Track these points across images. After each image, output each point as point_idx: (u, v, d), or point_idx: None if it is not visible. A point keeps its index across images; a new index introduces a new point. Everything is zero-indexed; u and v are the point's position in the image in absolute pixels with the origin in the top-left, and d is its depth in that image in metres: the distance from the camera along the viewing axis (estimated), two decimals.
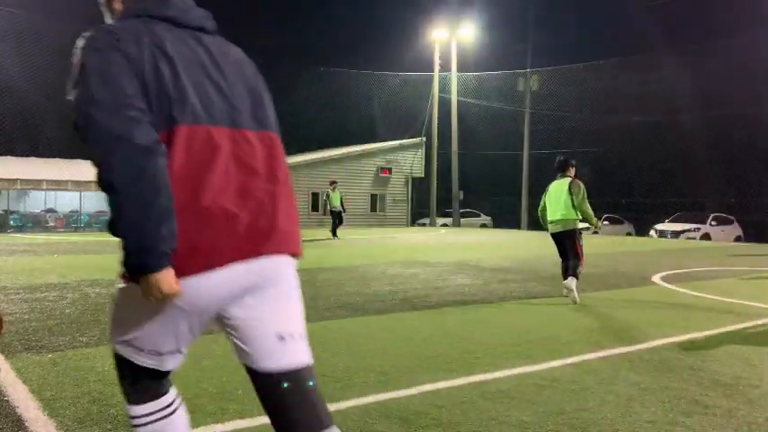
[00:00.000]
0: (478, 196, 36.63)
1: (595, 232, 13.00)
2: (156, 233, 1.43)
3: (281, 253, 1.64)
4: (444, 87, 31.95)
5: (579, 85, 30.33)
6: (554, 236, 7.36)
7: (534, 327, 5.34)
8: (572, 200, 7.14)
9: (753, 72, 26.98)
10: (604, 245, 17.33)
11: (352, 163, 29.14)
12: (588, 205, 7.11)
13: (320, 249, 13.94)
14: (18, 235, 19.32)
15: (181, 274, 1.49)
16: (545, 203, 7.53)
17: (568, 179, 7.37)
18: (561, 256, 7.31)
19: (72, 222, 23.07)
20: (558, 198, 7.27)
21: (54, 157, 24.36)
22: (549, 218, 7.33)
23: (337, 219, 19.21)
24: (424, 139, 31.69)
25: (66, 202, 24.08)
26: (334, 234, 18.93)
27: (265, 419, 3.00)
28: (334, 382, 3.61)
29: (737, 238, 24.00)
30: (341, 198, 19.24)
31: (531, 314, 6.00)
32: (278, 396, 1.68)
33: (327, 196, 19.46)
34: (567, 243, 7.14)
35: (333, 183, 19.73)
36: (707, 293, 7.56)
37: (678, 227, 23.62)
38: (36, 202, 24.47)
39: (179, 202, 1.48)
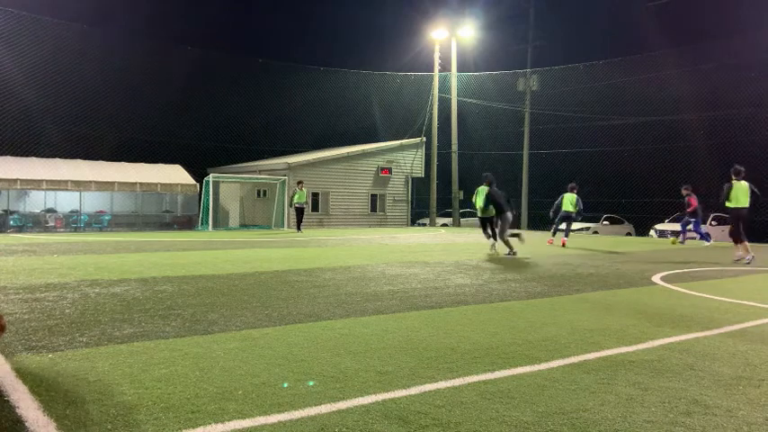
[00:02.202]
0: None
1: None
2: None
3: None
4: (444, 87, 31.95)
5: (579, 85, 30.33)
6: (482, 219, 13.67)
7: (534, 327, 5.35)
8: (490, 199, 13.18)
9: (753, 72, 26.98)
10: (604, 245, 17.33)
11: (352, 163, 29.14)
12: (499, 203, 13.03)
13: (319, 249, 13.94)
14: (18, 235, 19.32)
15: None
16: (476, 200, 13.73)
17: (488, 188, 13.21)
18: (486, 230, 13.62)
19: (72, 222, 23.05)
20: (485, 198, 13.26)
21: (54, 157, 24.34)
22: (481, 207, 13.44)
23: (301, 214, 21.72)
24: (424, 139, 31.69)
25: (66, 202, 24.03)
26: (299, 229, 21.70)
27: (265, 419, 3.02)
28: (335, 382, 3.61)
29: None
30: (306, 196, 21.79)
31: (531, 314, 6.00)
32: None
33: (294, 193, 21.86)
34: (489, 223, 13.52)
35: (300, 182, 22.18)
36: (707, 293, 7.56)
37: (678, 227, 23.60)
38: (36, 202, 24.42)
39: None
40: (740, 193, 11.93)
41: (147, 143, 29.88)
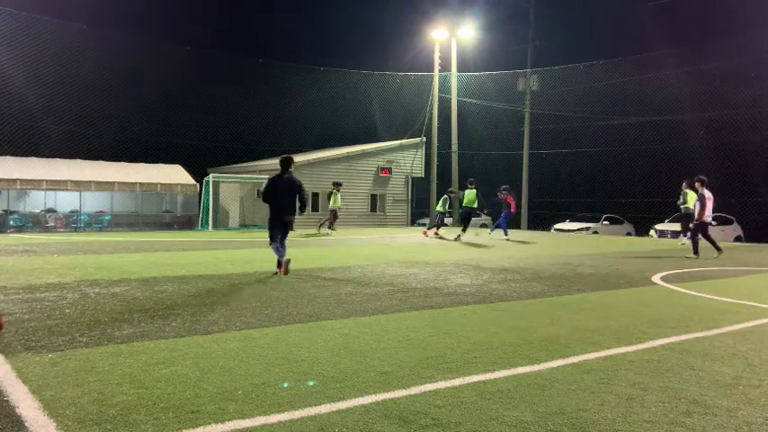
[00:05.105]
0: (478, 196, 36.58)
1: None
2: None
3: None
4: (444, 87, 31.94)
5: (579, 85, 30.31)
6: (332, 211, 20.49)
7: (534, 327, 5.34)
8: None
9: (753, 72, 26.98)
10: (605, 245, 17.33)
11: (352, 163, 29.13)
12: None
13: (320, 249, 13.94)
14: (18, 235, 19.32)
15: None
16: (330, 200, 20.56)
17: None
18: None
19: (72, 222, 23.04)
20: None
21: (54, 157, 24.33)
22: (332, 205, 20.61)
23: None
24: (424, 139, 31.67)
25: (65, 202, 24.03)
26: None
27: (265, 419, 3.02)
28: (335, 382, 3.61)
29: (737, 238, 23.99)
30: None
31: (531, 314, 6.00)
32: None
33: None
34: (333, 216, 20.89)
35: None
36: (707, 293, 7.56)
37: (678, 227, 23.60)
38: (36, 202, 24.41)
39: None
40: (470, 198, 18.56)
41: (147, 143, 29.87)
